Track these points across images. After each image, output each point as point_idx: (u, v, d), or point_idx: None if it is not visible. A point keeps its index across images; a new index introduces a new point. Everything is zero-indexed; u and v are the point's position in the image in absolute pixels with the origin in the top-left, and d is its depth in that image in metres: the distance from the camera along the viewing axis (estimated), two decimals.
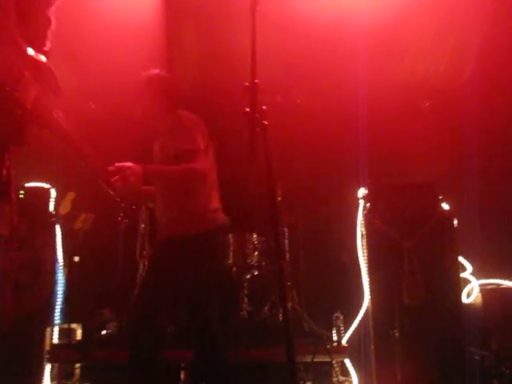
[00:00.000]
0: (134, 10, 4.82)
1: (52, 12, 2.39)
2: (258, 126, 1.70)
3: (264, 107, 1.74)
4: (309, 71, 4.87)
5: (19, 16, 2.19)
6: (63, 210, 4.51)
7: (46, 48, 2.36)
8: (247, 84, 1.75)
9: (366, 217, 4.31)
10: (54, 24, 2.40)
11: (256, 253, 4.78)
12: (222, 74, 4.82)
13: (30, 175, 4.26)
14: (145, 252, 4.75)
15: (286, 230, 4.88)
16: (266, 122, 1.72)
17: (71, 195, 4.53)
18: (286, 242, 4.86)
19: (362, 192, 4.50)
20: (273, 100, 4.93)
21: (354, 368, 3.96)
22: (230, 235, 4.80)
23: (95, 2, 4.70)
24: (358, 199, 4.48)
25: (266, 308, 4.65)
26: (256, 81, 1.74)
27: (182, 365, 3.98)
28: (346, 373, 4.00)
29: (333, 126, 4.81)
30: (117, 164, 2.79)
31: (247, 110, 1.72)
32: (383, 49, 4.98)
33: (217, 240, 3.19)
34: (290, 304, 4.52)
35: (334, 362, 3.91)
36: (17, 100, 2.14)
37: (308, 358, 3.80)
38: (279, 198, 4.75)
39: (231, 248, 4.78)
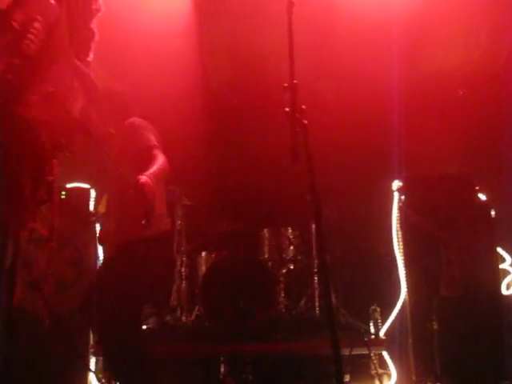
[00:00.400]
0: (165, 14, 4.88)
1: (94, 24, 2.47)
2: (298, 126, 1.74)
3: (303, 106, 1.77)
4: (340, 64, 4.84)
5: (68, 29, 2.28)
6: (102, 209, 4.64)
7: (88, 58, 2.46)
8: (286, 84, 1.79)
9: (401, 209, 4.28)
10: (97, 36, 2.48)
11: (291, 247, 4.82)
12: (254, 74, 4.84)
13: (71, 176, 4.39)
14: (182, 248, 4.85)
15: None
16: (305, 122, 1.75)
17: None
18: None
19: (396, 184, 4.47)
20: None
21: (392, 361, 3.96)
22: (265, 230, 4.86)
23: (126, 7, 4.77)
24: (392, 192, 4.45)
25: (303, 302, 4.70)
26: (295, 81, 1.77)
27: (222, 358, 4.05)
28: (384, 365, 4.00)
29: (366, 118, 4.78)
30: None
31: (287, 109, 1.75)
32: (415, 37, 4.91)
33: (171, 241, 3.29)
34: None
35: (371, 354, 3.92)
36: (67, 109, 2.23)
37: (346, 351, 3.82)
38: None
39: (266, 243, 4.84)
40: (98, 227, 4.46)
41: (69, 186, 4.37)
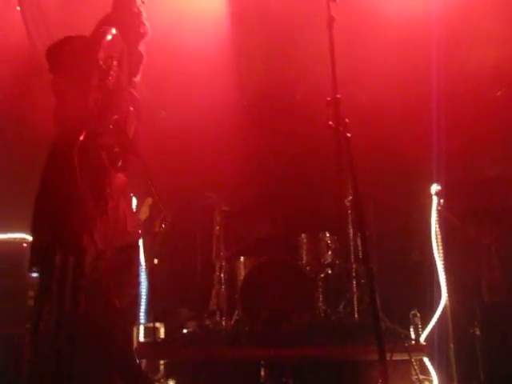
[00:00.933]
0: (202, 19, 4.98)
1: (142, 47, 2.58)
2: (342, 139, 1.77)
3: (346, 120, 1.80)
4: (379, 67, 4.82)
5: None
6: (143, 216, 4.76)
7: (136, 79, 2.57)
8: (329, 99, 1.82)
9: (441, 213, 4.25)
10: (145, 58, 2.59)
11: (329, 252, 4.83)
12: (288, 80, 4.89)
13: None
14: (221, 253, 4.93)
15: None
16: (349, 135, 1.79)
17: (149, 201, 4.76)
18: (359, 240, 4.87)
19: (435, 188, 4.43)
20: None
21: (434, 367, 3.92)
22: (303, 235, 4.88)
23: (163, 25, 4.87)
24: (431, 195, 4.42)
25: (341, 306, 4.70)
26: (338, 95, 1.81)
27: (262, 362, 4.09)
28: (425, 371, 3.96)
29: (404, 121, 4.75)
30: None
31: (330, 123, 1.79)
32: (453, 38, 4.85)
33: None
34: (365, 302, 4.56)
35: (412, 360, 3.89)
36: (126, 133, 2.36)
37: (386, 357, 3.80)
38: (350, 197, 4.78)
39: (304, 248, 4.86)
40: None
41: None
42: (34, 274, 4.07)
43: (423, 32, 4.75)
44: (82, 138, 2.13)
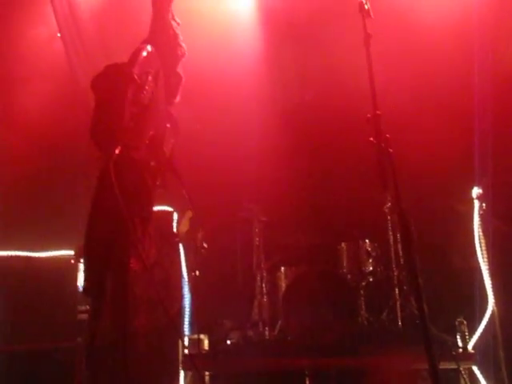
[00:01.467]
0: (234, 33, 5.06)
1: (180, 68, 2.64)
2: (384, 155, 1.78)
3: (387, 135, 1.81)
4: (419, 69, 4.77)
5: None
6: (183, 229, 4.85)
7: (176, 100, 2.64)
8: (369, 115, 1.84)
9: (483, 217, 4.17)
10: (183, 80, 2.65)
11: (370, 259, 4.80)
12: (322, 94, 4.91)
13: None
14: (262, 264, 4.96)
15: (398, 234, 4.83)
16: (391, 150, 1.80)
17: (188, 214, 4.85)
18: (400, 246, 4.82)
19: (475, 192, 4.36)
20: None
21: (483, 375, 3.84)
22: (343, 243, 4.87)
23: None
24: (472, 199, 4.34)
25: (384, 314, 4.65)
26: (378, 112, 1.82)
27: (307, 372, 4.10)
28: (474, 380, 3.88)
29: (444, 125, 4.67)
30: None
31: (372, 139, 1.80)
32: (495, 37, 4.74)
33: None
34: (408, 310, 4.51)
35: (461, 369, 3.82)
36: (163, 151, 2.43)
37: (437, 365, 3.73)
38: (389, 204, 4.74)
39: (345, 256, 4.85)
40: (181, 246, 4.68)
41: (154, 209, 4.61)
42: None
43: (462, 31, 4.68)
44: (117, 151, 2.18)
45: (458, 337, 4.02)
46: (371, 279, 4.83)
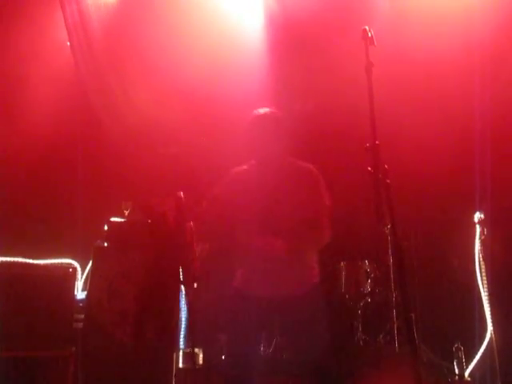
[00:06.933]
0: (241, 45, 5.08)
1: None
2: (381, 186, 1.78)
3: (386, 166, 1.81)
4: (420, 94, 4.78)
5: None
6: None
7: None
8: (368, 145, 1.84)
9: (484, 243, 4.16)
10: None
11: (369, 280, 4.78)
12: (328, 110, 4.91)
13: None
14: None
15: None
16: (388, 181, 1.79)
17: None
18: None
19: (477, 216, 4.34)
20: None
21: None
22: (342, 263, 4.85)
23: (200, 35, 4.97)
24: (474, 224, 4.32)
25: (381, 336, 4.62)
26: (377, 142, 1.82)
27: None
28: None
29: (446, 149, 4.67)
30: None
31: (369, 169, 1.80)
32: (496, 66, 4.75)
33: None
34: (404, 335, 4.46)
35: None
36: None
37: None
38: (389, 225, 4.71)
39: (343, 276, 4.82)
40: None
41: None
42: (81, 297, 4.24)
43: (468, 53, 4.68)
44: None
45: (454, 363, 3.98)
46: (369, 300, 4.80)
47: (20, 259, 4.13)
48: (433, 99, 4.80)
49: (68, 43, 4.73)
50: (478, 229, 4.28)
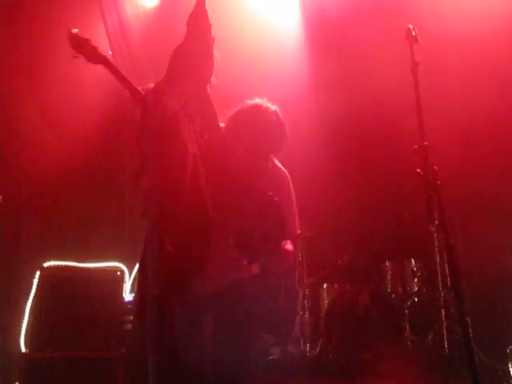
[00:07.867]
0: (280, 47, 5.07)
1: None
2: (431, 188, 1.75)
3: (435, 167, 1.77)
4: (461, 93, 4.65)
5: None
6: None
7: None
8: (416, 146, 1.81)
9: None
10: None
11: (415, 279, 4.69)
12: (366, 114, 4.85)
13: None
14: (305, 280, 4.93)
15: (444, 254, 4.70)
16: (438, 182, 1.76)
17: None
18: (446, 266, 4.67)
19: None
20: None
21: None
22: (388, 262, 4.78)
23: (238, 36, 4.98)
24: None
25: (430, 337, 4.52)
26: (425, 143, 1.79)
27: None
28: None
29: (491, 146, 4.53)
30: None
31: (419, 171, 1.77)
32: None
33: None
34: (456, 333, 4.35)
35: None
36: None
37: None
38: (436, 222, 4.60)
39: (389, 275, 4.75)
40: None
41: None
42: (129, 299, 4.34)
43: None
44: None
45: (510, 366, 3.84)
46: (416, 299, 4.71)
47: (71, 263, 4.27)
48: (483, 93, 4.65)
49: (110, 52, 4.84)
50: None
